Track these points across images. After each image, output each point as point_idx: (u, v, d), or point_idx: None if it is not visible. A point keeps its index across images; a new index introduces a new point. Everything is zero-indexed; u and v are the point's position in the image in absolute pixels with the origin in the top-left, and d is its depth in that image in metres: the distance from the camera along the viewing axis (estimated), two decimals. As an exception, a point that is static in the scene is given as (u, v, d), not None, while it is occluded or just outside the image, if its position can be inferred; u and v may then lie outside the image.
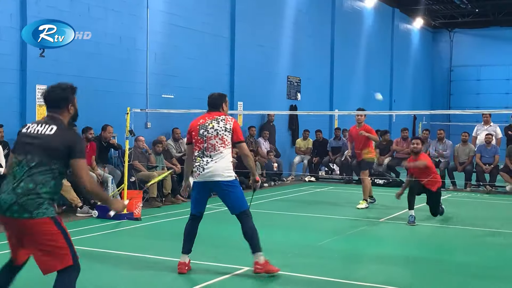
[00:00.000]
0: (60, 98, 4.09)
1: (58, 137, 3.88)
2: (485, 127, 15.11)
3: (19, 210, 3.72)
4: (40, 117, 10.29)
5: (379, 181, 15.52)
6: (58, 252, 3.77)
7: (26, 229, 3.75)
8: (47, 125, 3.96)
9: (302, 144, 17.25)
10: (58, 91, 4.11)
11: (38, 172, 3.78)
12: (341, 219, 10.17)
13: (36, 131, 3.94)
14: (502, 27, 27.89)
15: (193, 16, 14.04)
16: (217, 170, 5.83)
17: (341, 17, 20.79)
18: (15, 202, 3.72)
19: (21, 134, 4.04)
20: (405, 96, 26.86)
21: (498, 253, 7.63)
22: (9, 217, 3.76)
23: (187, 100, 13.34)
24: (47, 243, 3.75)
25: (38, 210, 3.73)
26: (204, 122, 6.01)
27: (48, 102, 4.12)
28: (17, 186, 3.76)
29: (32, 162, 3.80)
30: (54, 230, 3.77)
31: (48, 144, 3.84)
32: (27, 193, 3.73)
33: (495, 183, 14.41)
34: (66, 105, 4.09)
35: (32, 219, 3.72)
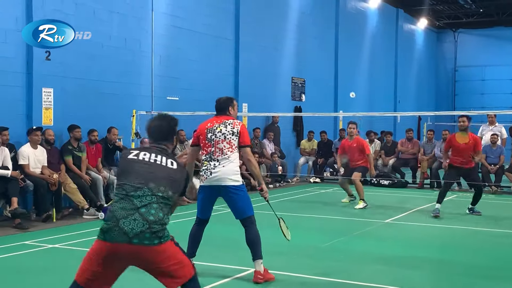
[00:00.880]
0: (169, 131, 4.15)
1: (180, 172, 3.95)
2: (490, 128, 15.10)
3: (150, 238, 3.63)
4: (46, 120, 10.37)
5: (384, 182, 15.53)
6: (183, 266, 3.82)
7: (154, 255, 3.69)
8: (164, 157, 3.95)
9: (306, 145, 17.26)
10: (165, 124, 4.15)
11: (164, 202, 3.78)
12: (346, 220, 10.18)
13: (153, 160, 3.90)
14: (506, 27, 27.83)
15: (198, 19, 14.08)
16: (225, 174, 5.79)
17: (345, 18, 20.80)
18: (147, 230, 3.63)
19: (130, 159, 3.90)
20: (409, 96, 26.85)
21: (504, 254, 7.63)
22: (136, 244, 3.61)
23: (192, 102, 13.39)
24: (174, 262, 3.76)
25: (164, 235, 3.73)
26: (212, 126, 5.96)
27: (157, 135, 4.11)
28: (146, 213, 3.66)
29: (158, 191, 3.75)
30: (176, 248, 3.82)
31: (173, 178, 3.87)
32: (158, 221, 3.68)
33: (500, 184, 14.39)
34: (172, 137, 4.22)
35: (161, 245, 3.69)
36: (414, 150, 16.09)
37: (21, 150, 9.49)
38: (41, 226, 8.98)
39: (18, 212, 8.74)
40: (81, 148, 10.43)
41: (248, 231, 5.87)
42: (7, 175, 8.87)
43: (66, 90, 10.84)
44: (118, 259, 3.68)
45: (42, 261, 6.87)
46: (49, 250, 7.32)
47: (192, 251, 6.08)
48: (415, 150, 16.08)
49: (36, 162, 9.59)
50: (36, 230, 8.69)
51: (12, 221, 8.82)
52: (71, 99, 10.92)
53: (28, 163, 9.45)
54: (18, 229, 8.61)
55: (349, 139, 11.75)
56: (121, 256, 3.66)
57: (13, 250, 7.33)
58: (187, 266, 3.84)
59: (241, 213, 5.89)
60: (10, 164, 9.11)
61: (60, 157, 10.21)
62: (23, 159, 9.42)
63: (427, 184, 15.28)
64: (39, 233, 8.41)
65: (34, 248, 7.45)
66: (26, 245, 7.63)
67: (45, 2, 10.34)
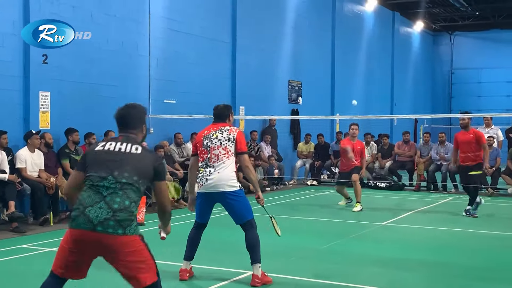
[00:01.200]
0: (137, 118, 4.15)
1: (146, 157, 3.92)
2: (486, 130, 15.14)
3: (114, 226, 3.66)
4: (43, 124, 10.37)
5: (381, 184, 15.56)
6: (146, 267, 3.78)
7: (116, 246, 3.69)
8: (130, 144, 3.96)
9: (304, 148, 17.29)
10: (133, 112, 4.17)
11: (130, 189, 3.78)
12: (344, 223, 10.20)
13: (118, 148, 3.92)
14: (502, 29, 27.95)
15: (195, 22, 14.10)
16: (220, 181, 5.78)
17: (342, 21, 20.85)
18: (111, 217, 3.67)
19: (96, 152, 3.95)
20: (406, 99, 26.91)
21: (500, 255, 7.66)
22: (100, 232, 3.65)
23: (189, 105, 13.40)
24: (136, 260, 3.75)
25: (130, 227, 3.72)
26: (208, 133, 5.98)
27: (124, 123, 4.13)
28: (111, 201, 3.71)
29: (122, 178, 3.77)
30: (142, 246, 3.78)
31: (137, 163, 3.85)
32: (124, 209, 3.71)
33: (497, 186, 14.44)
34: (141, 125, 4.16)
35: (125, 236, 3.69)
36: (411, 152, 16.13)
37: (18, 153, 9.49)
38: (38, 229, 8.97)
39: (15, 215, 8.74)
40: (78, 152, 10.43)
41: (248, 235, 5.87)
42: (4, 179, 8.86)
43: (63, 94, 10.84)
44: (85, 246, 3.74)
45: (39, 265, 6.86)
46: (47, 254, 7.31)
47: (190, 255, 6.09)
48: (411, 152, 16.12)
49: (33, 166, 9.59)
50: (33, 233, 8.69)
51: (9, 225, 8.82)
52: (68, 103, 10.93)
53: (25, 167, 9.44)
54: (15, 233, 8.60)
55: (352, 140, 11.70)
56: (87, 243, 3.72)
57: (10, 253, 7.33)
58: (151, 269, 3.81)
59: (240, 218, 5.88)
60: (7, 167, 9.10)
61: (57, 160, 10.21)
62: (20, 163, 9.42)
63: (424, 187, 15.32)
64: (36, 237, 8.40)
65: (31, 252, 7.45)
66: (23, 248, 7.62)
67: (42, 5, 10.35)
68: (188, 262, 6.10)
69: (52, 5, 10.53)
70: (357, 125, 11.92)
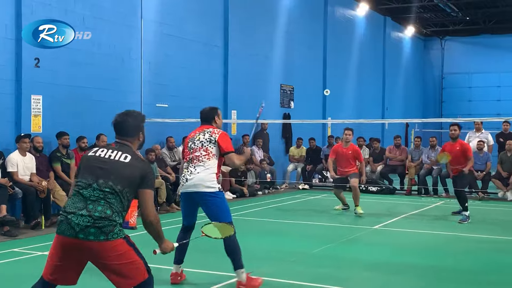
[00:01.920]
0: (133, 126, 4.15)
1: (133, 166, 3.90)
2: (477, 134, 15.24)
3: (96, 233, 3.68)
4: (35, 128, 10.35)
5: (372, 188, 15.62)
6: (134, 268, 3.80)
7: (101, 251, 3.72)
8: (120, 152, 3.98)
9: (295, 152, 17.33)
10: (130, 120, 4.16)
11: (113, 199, 3.78)
12: (335, 227, 10.24)
13: (108, 156, 3.94)
14: (492, 34, 28.16)
15: (187, 26, 14.14)
16: (199, 181, 5.74)
17: (333, 25, 20.95)
18: (92, 225, 3.68)
19: (88, 157, 4.01)
20: (397, 103, 27.04)
21: (490, 259, 7.71)
22: (82, 239, 3.69)
23: (181, 109, 13.42)
24: (123, 262, 3.76)
25: (113, 232, 3.73)
26: (193, 136, 6.03)
27: (119, 130, 4.15)
28: (93, 209, 3.73)
29: (106, 187, 3.79)
30: (128, 248, 3.79)
31: (123, 172, 3.85)
32: (105, 218, 3.72)
33: (487, 190, 14.53)
34: (138, 133, 4.17)
35: (108, 241, 3.70)
36: (402, 156, 16.21)
37: (9, 157, 9.46)
38: (30, 233, 8.95)
39: (7, 219, 8.71)
40: (70, 155, 10.42)
41: (225, 240, 5.66)
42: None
43: (55, 97, 10.83)
44: (70, 252, 3.77)
45: (31, 269, 6.84)
46: (38, 258, 7.29)
47: (180, 258, 6.09)
48: (403, 156, 16.20)
49: (25, 169, 9.57)
50: (25, 237, 8.66)
51: (0, 229, 8.79)
52: (60, 106, 10.92)
53: (17, 171, 9.42)
54: (6, 237, 8.58)
55: (344, 145, 11.43)
56: (71, 250, 3.76)
57: (1, 257, 7.30)
58: (140, 268, 3.83)
59: (216, 219, 5.64)
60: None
61: (49, 164, 10.19)
62: (11, 167, 9.40)
63: (415, 191, 15.39)
64: (28, 241, 8.38)
65: (23, 256, 7.44)
66: (15, 252, 7.61)
67: (35, 9, 10.34)
68: (178, 265, 6.09)
69: (44, 9, 10.53)
70: (351, 130, 11.50)
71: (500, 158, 14.60)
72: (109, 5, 11.99)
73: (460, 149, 10.50)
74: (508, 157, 14.41)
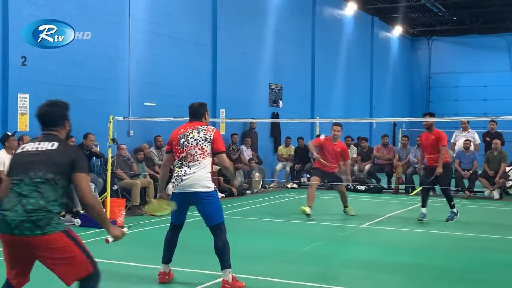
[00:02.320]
0: (57, 116, 4.10)
1: (61, 152, 3.87)
2: (463, 134, 15.34)
3: (31, 228, 3.65)
4: (22, 126, 10.28)
5: (360, 187, 15.68)
6: (76, 262, 3.77)
7: (39, 246, 3.70)
8: (47, 141, 3.94)
9: (284, 151, 17.35)
10: (54, 109, 4.12)
11: (45, 188, 3.74)
12: (324, 225, 10.26)
13: (35, 148, 3.90)
14: (479, 34, 28.34)
15: (175, 25, 14.10)
16: (195, 181, 5.71)
17: (322, 25, 20.99)
18: (26, 220, 3.65)
19: (16, 154, 3.98)
20: (385, 102, 27.15)
21: (477, 257, 7.77)
22: (18, 235, 3.67)
23: (170, 108, 13.38)
24: (63, 256, 3.73)
25: (50, 225, 3.69)
26: (185, 132, 5.93)
27: (44, 121, 4.10)
28: (26, 203, 3.69)
29: (37, 178, 3.75)
30: (67, 242, 3.75)
31: (52, 159, 3.82)
32: (39, 209, 3.68)
33: (474, 189, 14.63)
34: (63, 122, 4.12)
35: (45, 235, 3.67)
36: (390, 155, 16.28)
37: (-4, 156, 9.40)
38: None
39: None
40: (57, 154, 10.34)
41: (216, 239, 5.74)
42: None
43: (42, 96, 10.64)
44: (12, 249, 3.78)
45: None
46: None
47: (168, 257, 6.06)
48: (390, 155, 16.27)
49: (12, 168, 9.49)
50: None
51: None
52: (47, 105, 10.82)
53: (3, 169, 9.34)
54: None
55: (333, 141, 10.93)
56: (11, 246, 3.77)
57: None
58: (82, 262, 3.81)
59: (210, 219, 5.76)
60: (-15, 170, 9.01)
61: (36, 163, 10.10)
62: (-2, 165, 9.33)
63: (402, 190, 15.46)
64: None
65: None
66: (1, 252, 7.54)
67: (22, 8, 10.27)
68: (166, 265, 6.06)
69: (31, 7, 10.46)
70: (340, 126, 10.99)
71: (487, 157, 14.71)
72: (97, 4, 11.93)
73: (435, 138, 10.33)
74: (495, 156, 14.53)
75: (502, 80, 28.05)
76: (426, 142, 10.43)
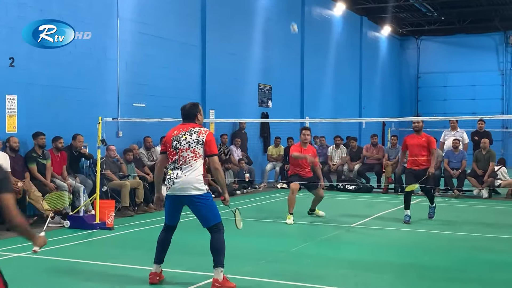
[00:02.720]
0: None
1: None
2: (452, 133, 15.42)
3: None
4: (10, 128, 10.23)
5: (350, 187, 15.72)
6: None
7: None
8: None
9: (273, 151, 17.36)
10: None
11: None
12: (313, 225, 10.28)
13: None
14: (467, 34, 28.52)
15: (164, 25, 14.07)
16: (187, 183, 5.72)
17: (310, 25, 21.03)
18: None
19: None
20: (374, 102, 27.25)
21: (466, 256, 7.83)
22: None
23: (159, 109, 13.35)
24: None
25: None
26: (178, 134, 5.91)
27: None
28: None
29: None
30: None
31: None
32: None
33: (462, 188, 14.72)
34: None
35: None
36: (379, 155, 16.35)
37: (-17, 158, 9.32)
38: (6, 234, 8.81)
39: (-19, 221, 8.58)
40: (46, 156, 10.31)
41: (213, 238, 5.79)
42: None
43: (30, 97, 10.70)
44: None
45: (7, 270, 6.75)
46: (14, 259, 7.22)
47: (160, 258, 6.07)
48: (379, 155, 16.34)
49: (-1, 170, 9.42)
50: (0, 239, 8.55)
51: (-25, 231, 8.66)
52: (35, 106, 10.79)
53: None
54: (-19, 239, 8.46)
55: (303, 146, 10.44)
56: None
57: None
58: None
59: (207, 221, 5.82)
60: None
61: (25, 164, 10.06)
62: (-14, 167, 9.25)
63: (392, 189, 15.53)
64: (3, 242, 8.26)
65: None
66: (-10, 254, 7.51)
67: (9, 9, 10.21)
68: (158, 265, 6.07)
69: (19, 8, 10.40)
70: (309, 129, 10.68)
71: (475, 156, 14.81)
72: (85, 5, 11.87)
73: (426, 140, 10.36)
74: (483, 155, 14.62)
75: (490, 80, 28.28)
76: (413, 143, 10.45)
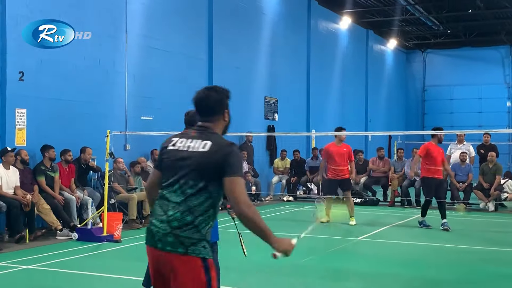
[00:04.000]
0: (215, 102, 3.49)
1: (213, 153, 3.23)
2: (458, 146, 15.43)
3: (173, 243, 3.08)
4: (19, 141, 10.31)
5: (356, 200, 15.71)
6: None
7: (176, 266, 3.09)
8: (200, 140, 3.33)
9: (280, 164, 17.40)
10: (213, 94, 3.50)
11: (195, 200, 3.13)
12: (320, 238, 10.29)
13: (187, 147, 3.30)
14: (473, 47, 28.57)
15: (171, 39, 14.19)
16: None
17: (316, 38, 21.14)
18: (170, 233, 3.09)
19: (167, 151, 3.35)
20: (380, 115, 27.27)
21: (473, 269, 7.83)
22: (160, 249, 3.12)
23: (166, 122, 13.41)
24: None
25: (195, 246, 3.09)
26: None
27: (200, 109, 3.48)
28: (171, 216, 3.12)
29: (187, 186, 3.14)
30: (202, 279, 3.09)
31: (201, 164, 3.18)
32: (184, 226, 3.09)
33: (469, 201, 14.69)
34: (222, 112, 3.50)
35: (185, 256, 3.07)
36: (385, 168, 16.36)
37: (-7, 171, 9.42)
38: (14, 247, 8.90)
39: (-9, 233, 8.65)
40: (54, 169, 10.38)
41: None
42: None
43: (39, 111, 10.80)
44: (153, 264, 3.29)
45: (16, 283, 6.83)
46: (23, 271, 7.28)
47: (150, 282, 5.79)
48: (386, 168, 16.35)
49: (9, 183, 9.52)
50: (9, 251, 8.61)
51: (-16, 243, 8.73)
52: (44, 120, 10.88)
53: (0, 184, 9.37)
54: (-10, 251, 8.52)
55: (338, 143, 11.72)
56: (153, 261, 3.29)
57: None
58: None
59: None
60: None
61: (33, 177, 10.15)
62: (-4, 180, 9.35)
63: (398, 202, 15.52)
64: (12, 254, 8.33)
65: (7, 270, 7.39)
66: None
67: (19, 22, 10.28)
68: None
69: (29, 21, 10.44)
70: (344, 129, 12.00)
71: (482, 170, 14.80)
72: (94, 18, 12.00)
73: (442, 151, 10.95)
74: (490, 169, 14.61)
75: (497, 93, 28.28)
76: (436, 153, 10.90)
